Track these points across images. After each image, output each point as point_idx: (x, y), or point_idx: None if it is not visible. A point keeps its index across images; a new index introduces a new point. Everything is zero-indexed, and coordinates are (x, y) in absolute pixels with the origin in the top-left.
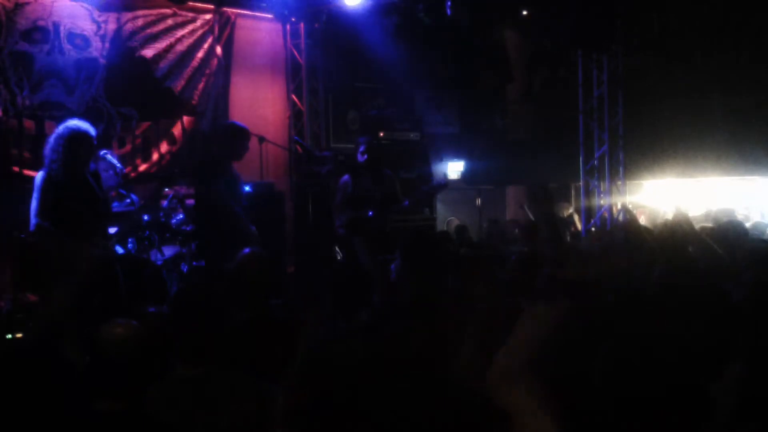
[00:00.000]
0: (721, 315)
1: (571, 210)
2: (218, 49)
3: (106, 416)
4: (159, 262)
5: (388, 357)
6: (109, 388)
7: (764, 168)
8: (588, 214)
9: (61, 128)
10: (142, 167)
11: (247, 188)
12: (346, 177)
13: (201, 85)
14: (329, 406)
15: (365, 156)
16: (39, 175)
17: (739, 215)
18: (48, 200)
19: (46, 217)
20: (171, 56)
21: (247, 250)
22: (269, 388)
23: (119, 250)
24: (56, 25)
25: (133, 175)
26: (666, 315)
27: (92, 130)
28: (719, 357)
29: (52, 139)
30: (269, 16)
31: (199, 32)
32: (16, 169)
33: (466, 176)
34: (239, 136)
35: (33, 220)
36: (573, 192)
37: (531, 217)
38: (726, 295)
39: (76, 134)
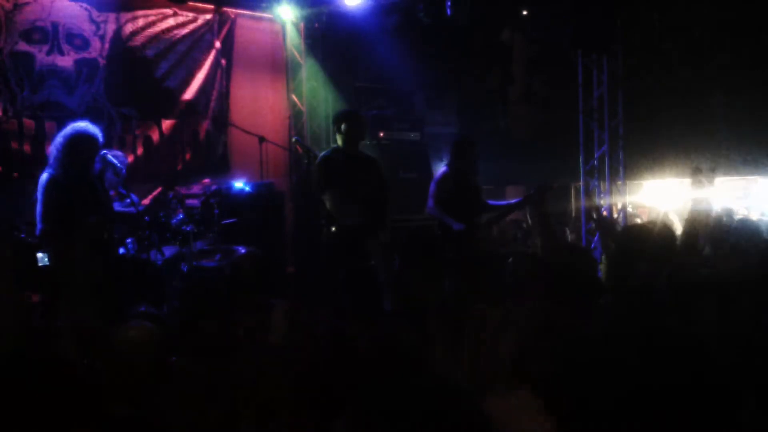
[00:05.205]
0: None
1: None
2: (218, 49)
3: (119, 419)
4: (159, 262)
5: (381, 356)
6: (122, 391)
7: (764, 168)
8: (587, 214)
9: (68, 129)
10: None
11: (247, 188)
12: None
13: (201, 85)
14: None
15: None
16: (43, 177)
17: (738, 215)
18: (51, 202)
19: (50, 221)
20: (171, 56)
21: (243, 250)
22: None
23: (121, 251)
24: (55, 26)
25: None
26: (668, 314)
27: (99, 134)
28: None
29: (57, 139)
30: (269, 16)
31: (200, 32)
32: (16, 172)
33: None
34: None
35: (39, 226)
36: (573, 192)
37: (530, 219)
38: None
39: (83, 136)
